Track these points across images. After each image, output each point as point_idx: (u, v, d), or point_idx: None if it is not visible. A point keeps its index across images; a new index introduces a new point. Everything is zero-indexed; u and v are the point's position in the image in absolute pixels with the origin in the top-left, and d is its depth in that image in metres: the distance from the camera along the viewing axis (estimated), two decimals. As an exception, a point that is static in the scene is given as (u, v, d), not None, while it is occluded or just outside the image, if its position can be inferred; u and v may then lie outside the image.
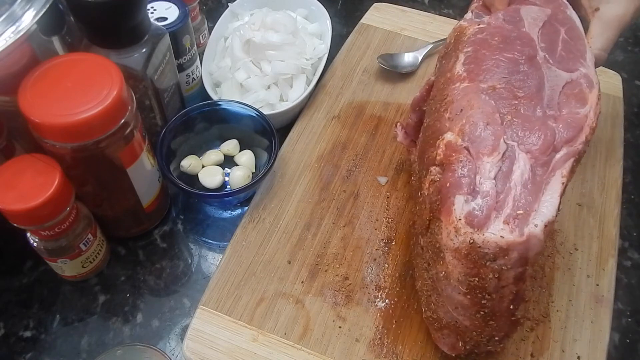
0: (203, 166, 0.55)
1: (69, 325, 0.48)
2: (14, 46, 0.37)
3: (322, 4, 0.65)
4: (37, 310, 0.48)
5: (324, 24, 0.64)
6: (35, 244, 0.44)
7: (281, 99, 0.59)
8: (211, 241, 0.54)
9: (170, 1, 0.55)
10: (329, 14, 0.64)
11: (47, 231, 0.42)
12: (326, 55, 0.61)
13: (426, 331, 0.45)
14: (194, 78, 0.60)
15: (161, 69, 0.50)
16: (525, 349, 0.45)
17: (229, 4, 0.65)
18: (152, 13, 0.54)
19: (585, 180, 0.56)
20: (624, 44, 0.74)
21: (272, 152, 0.52)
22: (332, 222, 0.52)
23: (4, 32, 0.37)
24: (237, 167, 0.55)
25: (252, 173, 0.54)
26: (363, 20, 0.70)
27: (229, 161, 0.56)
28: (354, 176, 0.56)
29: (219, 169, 0.55)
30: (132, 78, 0.47)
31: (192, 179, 0.54)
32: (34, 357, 0.46)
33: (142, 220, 0.52)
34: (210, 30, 0.64)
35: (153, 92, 0.50)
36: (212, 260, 0.52)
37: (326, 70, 0.64)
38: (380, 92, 0.63)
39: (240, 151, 0.56)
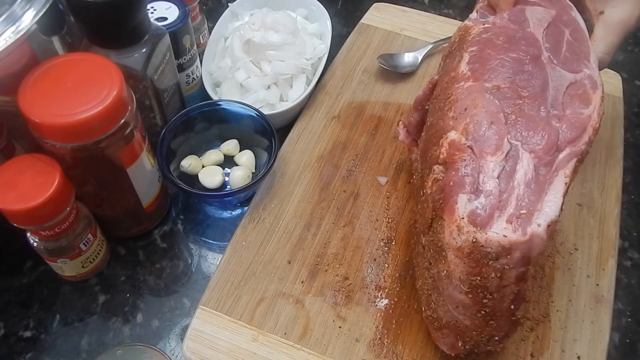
0: (203, 166, 0.55)
1: (69, 325, 0.48)
2: (14, 46, 0.37)
3: (322, 4, 0.65)
4: (37, 310, 0.48)
5: (324, 24, 0.64)
6: (35, 244, 0.44)
7: (281, 99, 0.59)
8: (211, 241, 0.54)
9: (170, 1, 0.55)
10: (329, 14, 0.64)
11: (47, 231, 0.42)
12: (326, 55, 0.61)
13: (426, 331, 0.45)
14: (194, 78, 0.60)
15: (161, 69, 0.50)
16: (525, 349, 0.45)
17: (229, 4, 0.65)
18: (152, 13, 0.54)
19: (585, 180, 0.56)
20: (624, 44, 0.74)
21: (272, 152, 0.52)
22: (332, 222, 0.52)
23: (4, 32, 0.37)
24: (237, 167, 0.55)
25: (252, 173, 0.54)
26: (363, 20, 0.70)
27: (229, 161, 0.56)
28: (354, 176, 0.56)
29: (219, 169, 0.55)
30: (132, 78, 0.47)
31: (192, 179, 0.54)
32: (34, 357, 0.46)
33: (142, 220, 0.52)
34: (210, 30, 0.64)
35: (153, 92, 0.50)
36: (212, 260, 0.52)
37: (326, 70, 0.64)
38: (380, 92, 0.63)
39: (240, 151, 0.56)
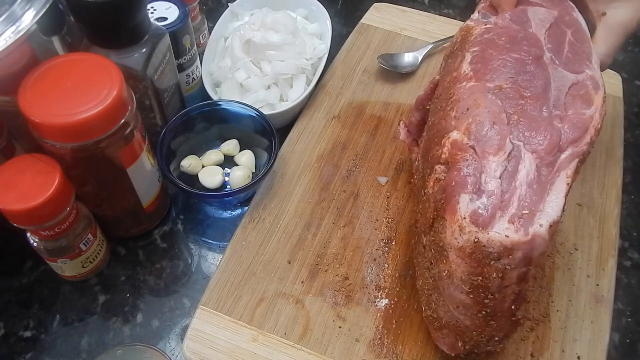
0: (203, 166, 0.55)
1: (69, 325, 0.48)
2: (14, 46, 0.37)
3: (322, 4, 0.65)
4: (37, 310, 0.48)
5: (324, 24, 0.64)
6: (35, 244, 0.44)
7: (281, 99, 0.59)
8: (211, 241, 0.54)
9: (170, 1, 0.55)
10: (329, 14, 0.64)
11: (47, 231, 0.42)
12: (326, 55, 0.61)
13: (426, 331, 0.45)
14: (194, 78, 0.60)
15: (161, 69, 0.50)
16: (525, 349, 0.45)
17: (229, 4, 0.65)
18: (152, 13, 0.54)
19: (585, 180, 0.56)
20: (624, 44, 0.74)
21: (272, 152, 0.52)
22: (332, 222, 0.52)
23: (4, 32, 0.37)
24: (237, 167, 0.55)
25: (252, 173, 0.54)
26: (363, 20, 0.70)
27: (229, 161, 0.56)
28: (354, 176, 0.55)
29: (219, 169, 0.55)
30: (132, 78, 0.47)
31: (192, 179, 0.54)
32: (34, 357, 0.46)
33: (142, 220, 0.52)
34: (210, 30, 0.64)
35: (153, 92, 0.50)
36: (212, 260, 0.52)
37: (326, 70, 0.64)
38: (380, 92, 0.63)
39: (240, 151, 0.56)
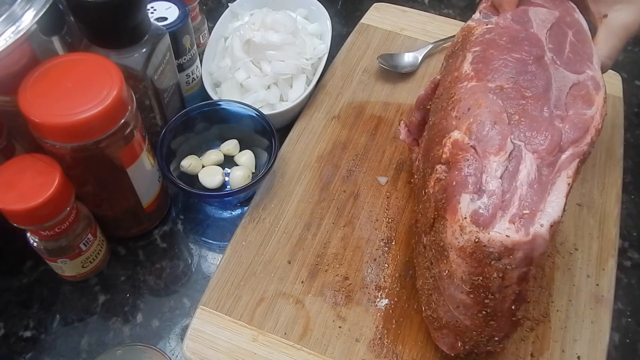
0: (203, 166, 0.55)
1: (69, 325, 0.48)
2: (14, 46, 0.37)
3: (322, 4, 0.65)
4: (37, 310, 0.48)
5: (324, 24, 0.64)
6: (35, 244, 0.44)
7: (281, 99, 0.59)
8: (211, 241, 0.54)
9: (170, 1, 0.55)
10: (329, 14, 0.64)
11: (47, 231, 0.42)
12: (326, 55, 0.61)
13: (426, 331, 0.45)
14: (194, 78, 0.60)
15: (161, 69, 0.50)
16: (525, 349, 0.45)
17: (229, 4, 0.65)
18: (152, 13, 0.54)
19: (585, 180, 0.56)
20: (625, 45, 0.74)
21: (272, 152, 0.52)
22: (332, 222, 0.52)
23: (4, 32, 0.37)
24: (237, 167, 0.55)
25: (252, 173, 0.54)
26: (363, 20, 0.70)
27: (229, 161, 0.56)
28: (354, 176, 0.55)
29: (219, 169, 0.55)
30: (132, 78, 0.47)
31: (192, 179, 0.54)
32: (34, 357, 0.46)
33: (142, 220, 0.52)
34: (210, 30, 0.64)
35: (153, 92, 0.50)
36: (212, 260, 0.52)
37: (326, 70, 0.64)
38: (380, 92, 0.63)
39: (240, 151, 0.56)
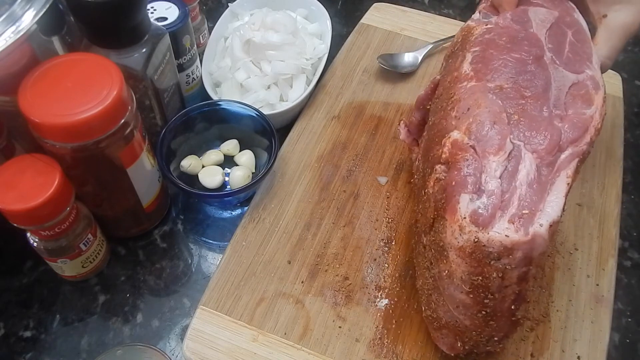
0: (203, 166, 0.55)
1: (69, 325, 0.48)
2: (14, 46, 0.37)
3: (322, 4, 0.65)
4: (37, 310, 0.48)
5: (324, 24, 0.64)
6: (35, 244, 0.44)
7: (281, 99, 0.59)
8: (211, 241, 0.54)
9: (170, 1, 0.55)
10: (329, 14, 0.64)
11: (47, 231, 0.42)
12: (326, 55, 0.61)
13: (426, 331, 0.45)
14: (194, 78, 0.60)
15: (161, 69, 0.50)
16: (525, 349, 0.45)
17: (229, 4, 0.65)
18: (152, 13, 0.54)
19: (585, 180, 0.56)
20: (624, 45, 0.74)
21: (272, 152, 0.52)
22: (332, 222, 0.52)
23: (4, 32, 0.37)
24: (237, 167, 0.55)
25: (252, 173, 0.54)
26: (363, 20, 0.70)
27: (229, 161, 0.56)
28: (354, 176, 0.55)
29: (219, 169, 0.55)
30: (132, 78, 0.47)
31: (192, 179, 0.54)
32: (34, 357, 0.46)
33: (142, 220, 0.52)
34: (210, 30, 0.64)
35: (153, 92, 0.50)
36: (212, 260, 0.52)
37: (326, 70, 0.64)
38: (380, 92, 0.63)
39: (240, 151, 0.56)
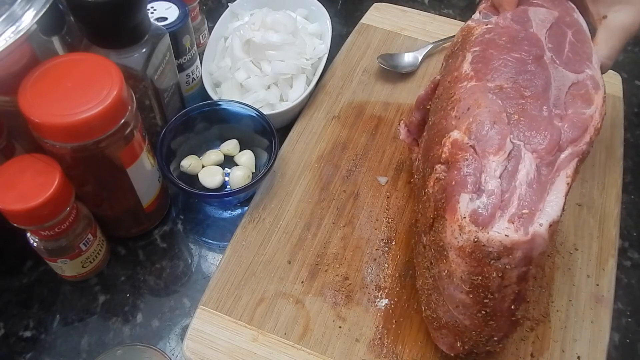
0: (203, 166, 0.55)
1: (69, 325, 0.48)
2: (14, 46, 0.37)
3: (322, 4, 0.65)
4: (37, 310, 0.48)
5: (324, 24, 0.64)
6: (35, 244, 0.44)
7: (281, 99, 0.59)
8: (211, 241, 0.54)
9: (170, 1, 0.55)
10: (329, 14, 0.64)
11: (47, 231, 0.42)
12: (326, 55, 0.61)
13: (426, 331, 0.45)
14: (194, 78, 0.60)
15: (161, 69, 0.50)
16: (525, 349, 0.45)
17: (229, 4, 0.65)
18: (152, 13, 0.54)
19: (585, 180, 0.56)
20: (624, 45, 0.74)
21: (272, 152, 0.52)
22: (332, 222, 0.52)
23: (4, 32, 0.37)
24: (237, 167, 0.55)
25: (252, 173, 0.54)
26: (363, 20, 0.70)
27: (229, 161, 0.56)
28: (354, 176, 0.56)
29: (219, 169, 0.55)
30: (132, 78, 0.47)
31: (192, 179, 0.54)
32: (34, 357, 0.46)
33: (142, 220, 0.52)
34: (210, 30, 0.64)
35: (153, 92, 0.50)
36: (212, 260, 0.52)
37: (326, 70, 0.64)
38: (380, 92, 0.63)
39: (240, 151, 0.56)
